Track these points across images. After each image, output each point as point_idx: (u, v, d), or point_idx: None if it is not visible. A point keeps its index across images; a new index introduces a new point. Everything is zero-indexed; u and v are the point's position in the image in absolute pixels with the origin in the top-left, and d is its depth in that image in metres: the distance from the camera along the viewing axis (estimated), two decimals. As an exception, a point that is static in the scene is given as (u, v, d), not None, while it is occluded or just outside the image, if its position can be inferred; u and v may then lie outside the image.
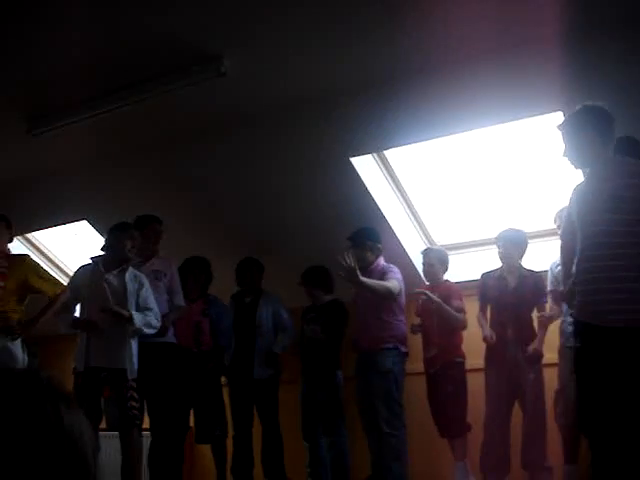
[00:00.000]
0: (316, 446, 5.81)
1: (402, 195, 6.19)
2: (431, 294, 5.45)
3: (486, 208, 6.17)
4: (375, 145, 5.71)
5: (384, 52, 4.74)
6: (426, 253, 5.75)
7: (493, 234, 5.95)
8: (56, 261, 8.22)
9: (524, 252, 5.40)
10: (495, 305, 5.41)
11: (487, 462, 5.22)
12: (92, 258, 5.34)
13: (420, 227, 6.39)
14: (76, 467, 1.07)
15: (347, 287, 5.66)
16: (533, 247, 5.70)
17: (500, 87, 4.82)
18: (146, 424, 5.56)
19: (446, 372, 5.46)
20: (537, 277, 5.31)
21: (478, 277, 5.59)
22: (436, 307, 5.43)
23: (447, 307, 5.44)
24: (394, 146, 5.77)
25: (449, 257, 5.78)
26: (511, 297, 5.28)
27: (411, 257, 6.25)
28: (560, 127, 3.59)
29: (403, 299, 5.62)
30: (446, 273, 5.77)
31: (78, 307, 5.26)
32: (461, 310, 5.53)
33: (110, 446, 5.40)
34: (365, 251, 5.62)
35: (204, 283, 6.15)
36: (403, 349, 5.55)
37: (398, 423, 5.38)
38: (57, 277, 7.91)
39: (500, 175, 5.93)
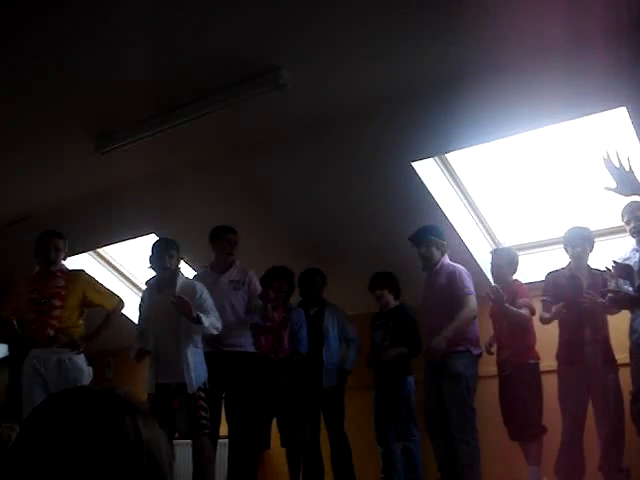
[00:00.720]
0: (389, 451, 5.76)
1: (465, 197, 6.16)
2: (498, 290, 5.35)
3: (550, 207, 6.09)
4: (436, 149, 5.68)
5: (443, 54, 4.72)
6: (495, 253, 5.69)
7: (557, 234, 5.90)
8: (127, 274, 8.37)
9: (592, 250, 5.32)
10: (570, 305, 5.24)
11: (565, 466, 5.14)
12: (147, 282, 5.51)
13: (485, 229, 6.34)
14: (154, 478, 1.12)
15: (416, 289, 5.67)
16: (600, 245, 5.63)
17: (562, 84, 4.75)
18: (224, 431, 5.67)
19: (520, 374, 5.38)
20: (605, 277, 5.19)
21: (544, 277, 5.51)
22: (500, 307, 5.37)
23: (509, 306, 5.37)
24: (455, 149, 5.73)
25: (518, 257, 5.68)
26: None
27: (477, 260, 6.21)
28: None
29: (472, 290, 5.52)
30: (515, 274, 5.69)
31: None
32: (526, 306, 5.45)
33: (182, 454, 5.55)
34: (430, 247, 5.56)
35: (287, 292, 6.19)
36: (475, 351, 5.46)
37: (470, 428, 5.28)
38: (126, 289, 8.12)
39: (563, 174, 5.85)
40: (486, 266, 6.05)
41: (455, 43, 4.59)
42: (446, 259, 5.63)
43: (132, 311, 6.85)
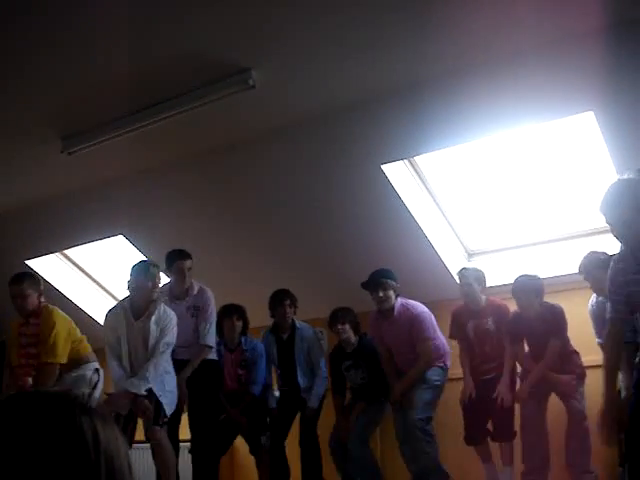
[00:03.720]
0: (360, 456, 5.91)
1: (434, 201, 6.18)
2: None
3: (518, 211, 6.14)
4: (406, 151, 5.70)
5: (411, 57, 4.74)
6: (462, 273, 5.64)
7: (525, 238, 5.95)
8: (94, 276, 8.31)
9: (542, 297, 5.35)
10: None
11: (531, 464, 5.23)
12: (121, 302, 5.52)
13: (453, 232, 6.37)
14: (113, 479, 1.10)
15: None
16: (565, 249, 5.69)
17: (530, 89, 4.80)
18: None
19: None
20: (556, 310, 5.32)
21: (512, 281, 5.53)
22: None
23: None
24: (425, 152, 5.75)
25: (485, 276, 5.67)
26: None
27: (445, 263, 6.23)
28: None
29: (433, 320, 5.69)
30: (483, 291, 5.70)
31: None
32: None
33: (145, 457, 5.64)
34: (388, 289, 5.63)
35: (242, 330, 6.15)
36: (449, 364, 5.72)
37: (430, 428, 5.50)
38: (99, 296, 8.04)
39: (531, 177, 5.90)
40: (454, 269, 6.07)
41: (423, 47, 4.61)
42: (399, 301, 5.71)
43: (99, 312, 6.81)
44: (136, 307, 5.34)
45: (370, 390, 5.90)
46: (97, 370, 5.41)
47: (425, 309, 5.70)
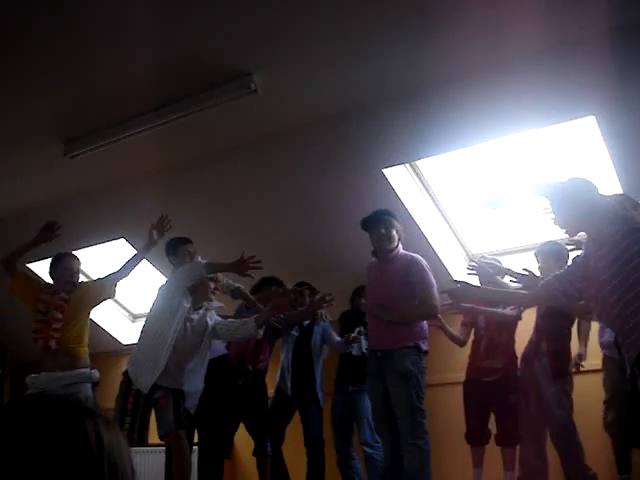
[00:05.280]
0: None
1: (436, 205, 6.19)
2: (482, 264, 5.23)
3: (520, 215, 6.13)
4: (407, 156, 5.71)
5: (413, 61, 4.75)
6: (480, 262, 5.31)
7: (528, 242, 5.94)
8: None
9: (565, 265, 5.30)
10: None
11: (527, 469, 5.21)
12: None
13: (455, 236, 6.37)
14: None
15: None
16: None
17: (531, 93, 4.80)
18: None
19: (509, 381, 5.37)
20: None
21: (513, 284, 5.53)
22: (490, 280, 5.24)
23: (496, 310, 5.37)
24: (426, 156, 5.76)
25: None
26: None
27: (446, 266, 6.24)
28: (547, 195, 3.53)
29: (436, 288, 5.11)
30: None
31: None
32: (518, 317, 5.44)
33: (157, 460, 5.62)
34: (391, 228, 5.00)
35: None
36: (424, 347, 4.92)
37: (421, 431, 4.76)
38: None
39: (532, 181, 5.89)
40: (455, 273, 6.07)
41: (426, 51, 4.62)
42: (401, 247, 5.10)
43: (99, 315, 6.82)
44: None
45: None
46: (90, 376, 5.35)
47: (427, 265, 5.04)
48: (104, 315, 7.79)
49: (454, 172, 6.02)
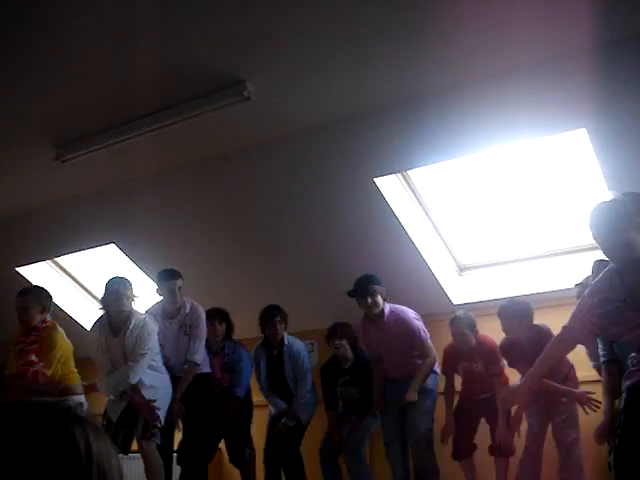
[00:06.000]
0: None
1: (427, 215, 6.19)
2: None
3: (510, 226, 6.16)
4: (399, 165, 5.71)
5: (406, 72, 4.75)
6: (455, 323, 5.57)
7: (516, 253, 5.97)
8: (85, 285, 8.29)
9: (529, 322, 5.29)
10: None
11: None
12: (98, 320, 5.52)
13: (445, 246, 6.38)
14: None
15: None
16: (557, 264, 5.70)
17: (523, 105, 4.81)
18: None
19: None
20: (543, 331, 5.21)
21: (503, 296, 5.55)
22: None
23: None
24: (418, 166, 5.76)
25: (475, 320, 5.61)
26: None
27: (437, 277, 6.24)
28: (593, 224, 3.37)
29: (422, 323, 5.67)
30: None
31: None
32: (501, 372, 5.48)
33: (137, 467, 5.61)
34: (376, 295, 5.57)
35: (225, 333, 6.18)
36: (438, 371, 5.73)
37: (430, 437, 5.53)
38: (90, 305, 8.01)
39: (524, 193, 5.92)
40: (445, 283, 6.09)
41: (418, 62, 4.62)
42: (387, 306, 5.66)
43: (89, 320, 6.77)
44: (114, 323, 5.34)
45: (365, 404, 5.90)
46: (81, 404, 5.33)
47: (413, 313, 5.68)
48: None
49: (446, 182, 6.03)
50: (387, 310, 5.65)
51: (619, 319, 3.28)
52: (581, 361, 5.18)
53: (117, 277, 5.39)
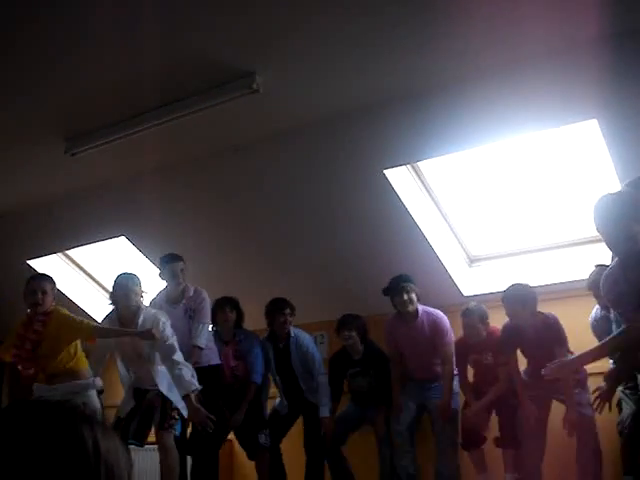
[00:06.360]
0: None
1: (437, 206, 6.17)
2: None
3: (521, 217, 6.13)
4: (409, 157, 5.69)
5: (416, 63, 4.74)
6: (467, 314, 5.57)
7: (528, 244, 5.95)
8: (96, 277, 8.31)
9: (533, 307, 5.27)
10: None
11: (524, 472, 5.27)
12: (107, 316, 5.48)
13: (455, 238, 6.36)
14: None
15: (378, 299, 5.72)
16: (568, 256, 5.67)
17: (533, 96, 4.79)
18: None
19: (511, 385, 5.42)
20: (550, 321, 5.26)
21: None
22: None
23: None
24: (428, 157, 5.74)
25: (487, 312, 5.62)
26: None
27: (447, 268, 6.22)
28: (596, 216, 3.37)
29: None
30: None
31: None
32: (508, 362, 5.45)
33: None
34: (411, 292, 5.67)
35: (236, 321, 6.15)
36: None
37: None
38: (100, 297, 8.02)
39: (535, 184, 5.89)
40: (456, 275, 6.08)
41: (428, 53, 4.61)
42: (420, 306, 5.75)
43: (100, 313, 6.80)
44: (123, 318, 5.30)
45: (376, 396, 5.92)
46: (94, 383, 5.34)
47: (444, 316, 5.76)
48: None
49: (456, 174, 6.01)
50: (420, 310, 5.73)
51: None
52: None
53: (125, 273, 5.37)
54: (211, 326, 6.02)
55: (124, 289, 5.24)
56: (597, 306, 5.13)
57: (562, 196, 5.83)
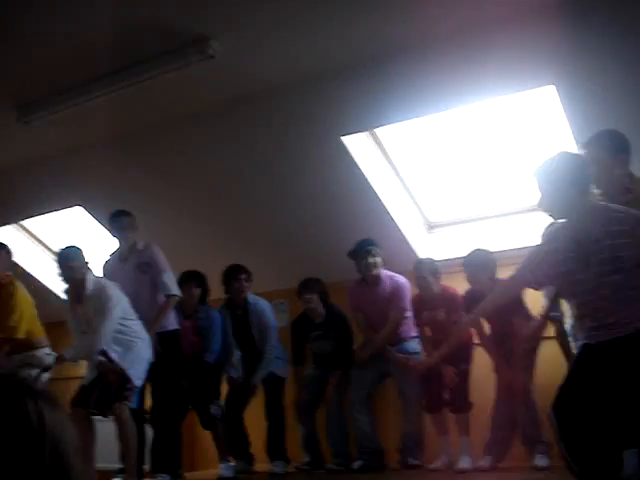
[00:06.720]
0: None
1: (395, 173, 6.17)
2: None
3: (478, 184, 6.16)
4: (366, 123, 5.67)
5: (374, 29, 4.71)
6: (418, 267, 5.66)
7: (487, 210, 5.98)
8: (52, 248, 8.21)
9: (493, 273, 5.33)
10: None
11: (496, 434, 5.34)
12: (64, 291, 5.46)
13: (414, 204, 6.38)
14: (57, 464, 1.08)
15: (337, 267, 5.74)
16: (525, 222, 5.72)
17: (491, 61, 4.79)
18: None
19: (461, 350, 5.49)
20: None
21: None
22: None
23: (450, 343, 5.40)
24: (385, 124, 5.73)
25: (438, 267, 5.69)
26: None
27: (405, 234, 6.24)
28: (535, 175, 3.48)
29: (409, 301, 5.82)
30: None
31: None
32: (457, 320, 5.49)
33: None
34: (377, 255, 5.75)
35: (200, 297, 6.13)
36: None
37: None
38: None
39: (492, 150, 5.92)
40: (414, 241, 6.11)
41: (386, 19, 4.57)
42: (385, 271, 5.85)
43: (56, 283, 6.74)
44: (74, 291, 5.29)
45: (338, 358, 5.96)
46: (49, 355, 5.35)
47: (407, 283, 5.82)
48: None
49: (414, 140, 6.01)
50: (384, 274, 5.83)
51: (570, 272, 3.32)
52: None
53: (64, 247, 5.34)
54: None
55: (63, 265, 5.22)
56: None
57: (520, 162, 5.85)
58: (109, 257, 5.97)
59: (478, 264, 5.28)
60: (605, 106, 4.80)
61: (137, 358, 5.25)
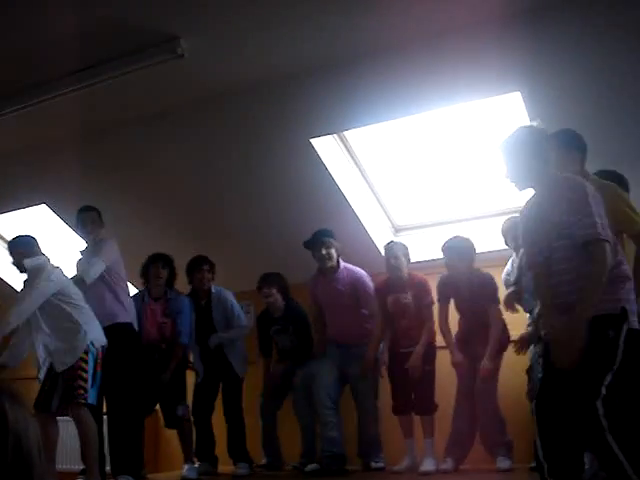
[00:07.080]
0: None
1: (362, 175, 6.20)
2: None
3: (445, 188, 6.20)
4: (335, 126, 5.69)
5: (344, 32, 4.72)
6: (390, 247, 5.66)
7: (453, 214, 6.02)
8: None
9: (470, 261, 5.41)
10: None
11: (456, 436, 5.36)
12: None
13: (380, 207, 6.40)
14: (19, 459, 1.07)
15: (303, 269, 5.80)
16: (492, 226, 5.77)
17: (458, 67, 4.83)
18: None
19: (425, 351, 5.50)
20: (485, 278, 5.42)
21: (438, 257, 5.59)
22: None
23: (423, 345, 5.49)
24: (354, 127, 5.76)
25: (408, 251, 5.72)
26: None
27: (372, 237, 6.27)
28: (500, 149, 3.54)
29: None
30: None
31: None
32: (431, 304, 5.59)
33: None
34: (331, 247, 5.70)
35: (168, 280, 6.08)
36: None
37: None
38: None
39: (459, 155, 5.96)
40: (380, 244, 6.13)
41: (355, 22, 4.60)
42: (341, 263, 5.80)
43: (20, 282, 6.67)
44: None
45: (298, 353, 5.99)
46: None
47: (367, 275, 5.81)
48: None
49: (382, 144, 6.03)
50: (341, 266, 5.78)
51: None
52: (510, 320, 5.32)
53: (18, 237, 5.37)
54: (132, 286, 5.93)
55: (10, 258, 5.29)
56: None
57: (486, 167, 5.90)
58: (80, 253, 5.88)
59: (456, 250, 5.35)
60: (570, 112, 4.85)
61: (71, 347, 5.00)
